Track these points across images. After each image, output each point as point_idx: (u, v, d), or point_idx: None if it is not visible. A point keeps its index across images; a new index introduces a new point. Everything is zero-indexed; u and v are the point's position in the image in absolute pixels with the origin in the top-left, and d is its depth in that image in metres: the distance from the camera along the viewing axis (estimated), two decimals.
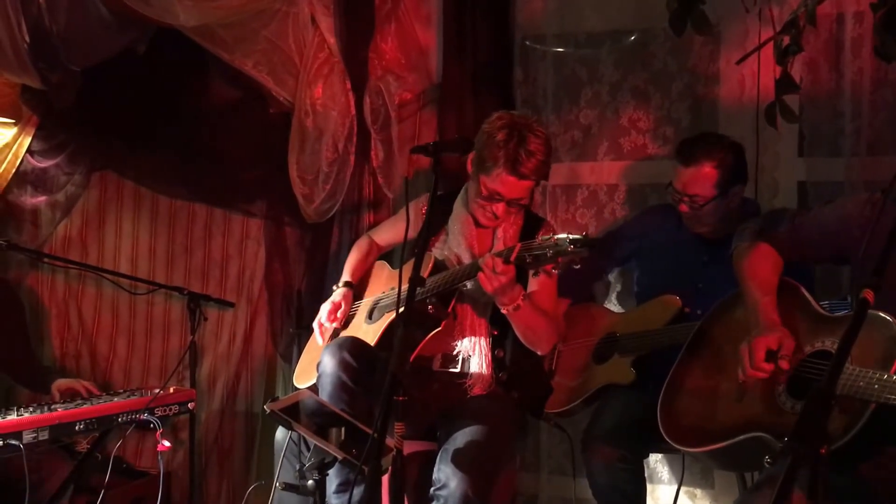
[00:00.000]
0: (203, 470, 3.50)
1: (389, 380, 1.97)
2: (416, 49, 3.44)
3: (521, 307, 2.44)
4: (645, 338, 2.77)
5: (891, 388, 1.83)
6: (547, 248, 2.25)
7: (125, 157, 3.62)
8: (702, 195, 2.75)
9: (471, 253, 2.64)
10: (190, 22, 3.10)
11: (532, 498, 3.36)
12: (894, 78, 2.92)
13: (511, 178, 2.51)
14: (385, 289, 2.85)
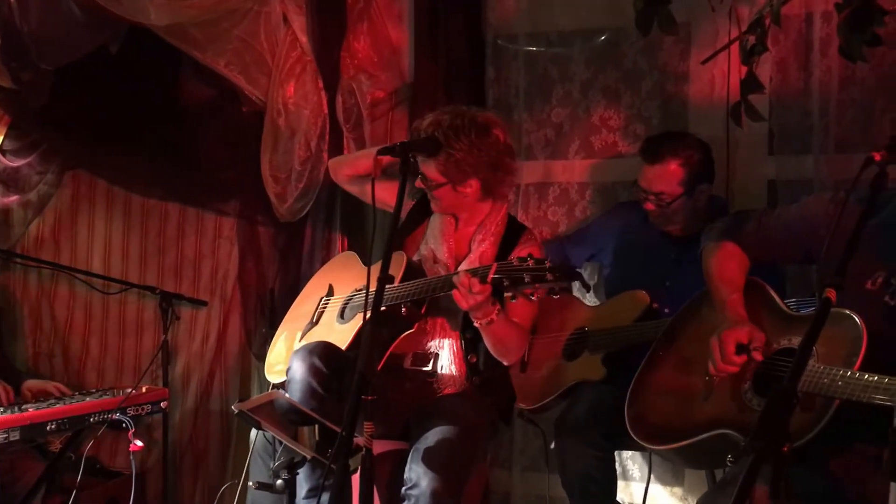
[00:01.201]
0: (177, 469, 3.46)
1: (358, 379, 1.94)
2: (388, 48, 3.41)
3: (495, 322, 2.40)
4: (615, 335, 2.76)
5: (854, 385, 1.82)
6: (524, 272, 2.19)
7: (98, 157, 3.58)
8: (668, 193, 2.74)
9: (447, 252, 2.61)
10: (161, 21, 3.07)
11: (505, 495, 3.35)
12: (861, 77, 2.92)
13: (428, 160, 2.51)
14: (357, 285, 2.80)
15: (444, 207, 2.62)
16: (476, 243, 2.62)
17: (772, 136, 3.10)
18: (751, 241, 2.30)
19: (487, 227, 2.63)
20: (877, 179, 1.68)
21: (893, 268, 1.95)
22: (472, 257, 2.59)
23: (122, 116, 3.50)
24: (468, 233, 2.65)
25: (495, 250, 2.60)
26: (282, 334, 2.91)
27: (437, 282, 2.43)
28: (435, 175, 2.52)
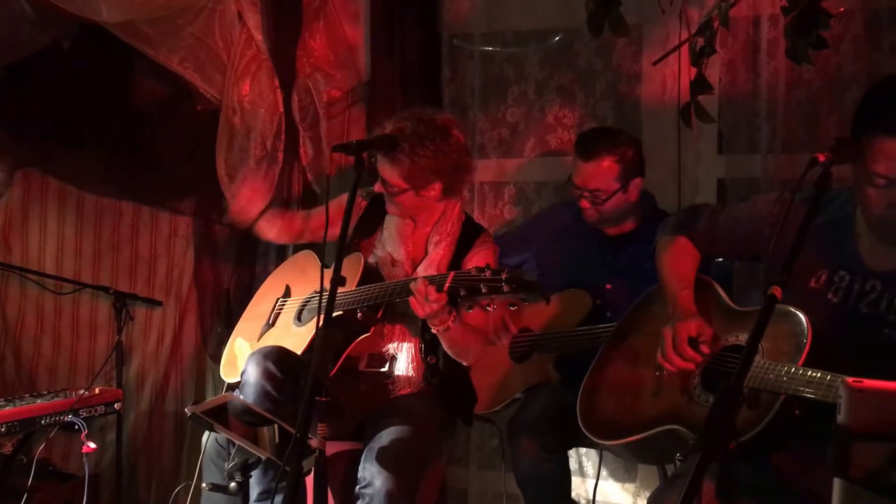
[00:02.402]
0: (132, 471, 3.38)
1: (311, 381, 1.90)
2: (344, 47, 3.37)
3: (451, 329, 2.36)
4: (565, 339, 2.74)
5: (799, 380, 1.83)
6: (481, 283, 2.15)
7: (49, 155, 3.47)
8: (604, 189, 2.73)
9: (404, 255, 2.57)
10: (113, 18, 2.99)
11: (461, 492, 3.33)
12: (808, 79, 2.96)
13: (384, 160, 2.47)
14: (316, 287, 2.71)
15: (405, 211, 2.58)
16: (433, 245, 2.58)
17: (721, 136, 3.13)
18: (702, 237, 2.31)
19: (443, 228, 2.59)
20: (821, 180, 1.69)
21: (836, 266, 1.96)
22: (430, 259, 2.56)
23: (75, 114, 3.40)
24: (424, 233, 2.61)
25: (451, 251, 2.56)
26: (237, 335, 2.84)
27: (394, 287, 2.38)
28: (398, 181, 2.47)
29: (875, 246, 1.93)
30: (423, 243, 2.61)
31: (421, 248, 2.60)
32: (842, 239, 1.98)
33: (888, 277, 1.88)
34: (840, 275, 1.95)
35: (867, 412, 1.37)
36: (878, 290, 1.89)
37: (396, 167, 2.45)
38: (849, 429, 1.37)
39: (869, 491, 1.38)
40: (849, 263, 1.95)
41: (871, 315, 1.90)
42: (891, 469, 1.35)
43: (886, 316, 1.87)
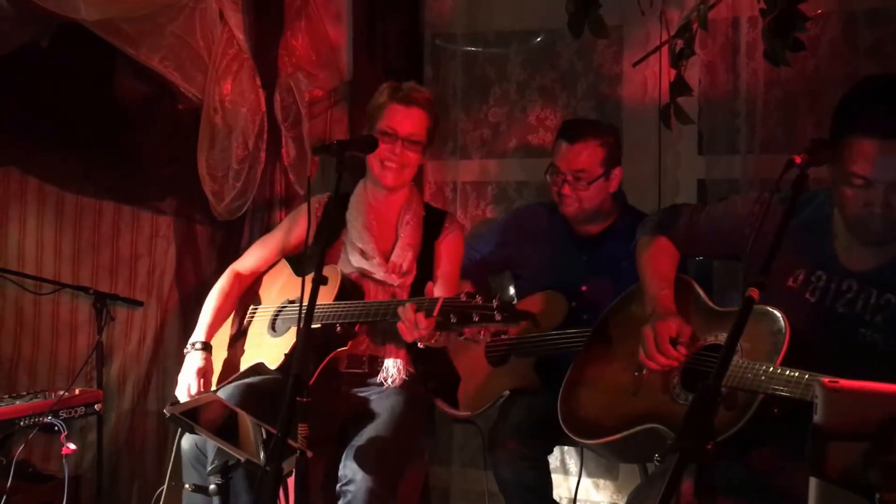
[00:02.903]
0: (113, 472, 3.35)
1: (293, 381, 1.88)
2: (326, 46, 3.35)
3: (439, 341, 2.35)
4: (541, 342, 2.74)
5: (777, 380, 1.84)
6: (473, 311, 2.12)
7: (29, 154, 3.42)
8: (588, 171, 2.73)
9: (374, 247, 2.56)
10: (92, 16, 2.94)
11: (444, 491, 3.33)
12: (786, 80, 2.97)
13: (399, 106, 2.51)
14: (287, 295, 2.67)
15: (400, 177, 2.56)
16: (403, 225, 2.59)
17: (701, 137, 3.14)
18: (682, 236, 2.31)
19: (410, 208, 2.62)
20: (798, 181, 1.70)
21: (814, 266, 1.97)
22: (402, 242, 2.56)
23: (54, 113, 3.36)
24: (391, 222, 2.61)
25: (420, 232, 2.58)
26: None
27: (379, 308, 2.34)
28: (421, 132, 2.52)
29: (851, 246, 1.94)
30: (391, 230, 2.60)
31: (390, 236, 2.60)
32: (819, 239, 1.99)
33: (864, 278, 1.90)
34: (817, 274, 1.96)
35: (843, 412, 1.37)
36: (854, 290, 1.90)
37: (425, 114, 2.52)
38: (824, 428, 1.38)
39: (844, 490, 1.38)
40: (826, 263, 1.96)
41: (847, 315, 1.91)
42: (866, 468, 1.36)
43: (862, 316, 1.88)
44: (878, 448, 1.34)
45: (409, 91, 2.55)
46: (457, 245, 2.66)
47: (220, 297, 2.67)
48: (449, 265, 2.62)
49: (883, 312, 1.86)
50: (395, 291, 2.54)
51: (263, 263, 2.75)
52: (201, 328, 2.62)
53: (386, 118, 2.53)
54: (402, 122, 2.52)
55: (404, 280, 2.55)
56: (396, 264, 2.54)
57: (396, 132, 2.52)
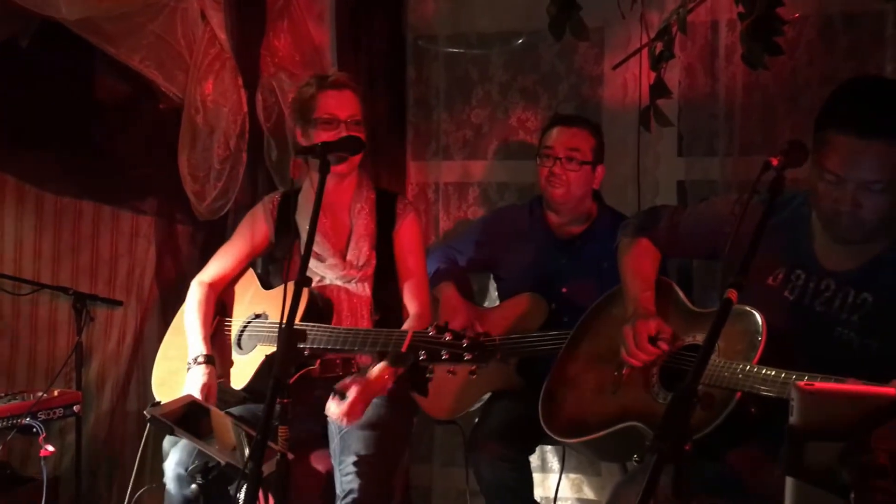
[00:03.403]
0: (92, 474, 3.31)
1: (272, 383, 1.87)
2: (309, 47, 3.33)
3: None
4: (521, 344, 2.74)
5: (754, 378, 1.86)
6: (442, 348, 2.12)
7: (7, 154, 3.37)
8: (583, 151, 2.78)
9: (329, 246, 2.52)
10: (72, 15, 2.91)
11: (425, 490, 3.33)
12: (764, 83, 2.99)
13: (332, 91, 2.50)
14: (254, 309, 2.61)
15: (355, 162, 2.53)
16: (355, 214, 2.57)
17: (681, 139, 3.16)
18: (663, 237, 2.33)
19: (361, 195, 2.60)
20: (774, 184, 1.71)
21: (793, 265, 1.99)
22: (357, 232, 2.55)
23: (34, 112, 3.31)
24: (342, 218, 2.58)
25: (374, 217, 2.56)
26: (170, 349, 2.70)
27: (352, 339, 2.31)
28: (357, 111, 2.51)
29: (829, 246, 1.96)
30: (344, 220, 2.58)
31: (343, 228, 2.57)
32: (799, 239, 2.00)
33: (841, 277, 1.91)
34: (796, 273, 1.98)
35: (818, 413, 1.39)
36: (832, 289, 1.92)
37: (355, 96, 2.52)
38: (800, 429, 1.39)
39: (820, 490, 1.39)
40: (805, 263, 1.97)
41: (824, 313, 1.92)
42: (841, 468, 1.37)
43: (839, 314, 1.90)
44: (852, 448, 1.35)
45: (336, 76, 2.58)
46: (414, 232, 2.63)
47: (200, 308, 2.59)
48: (412, 258, 2.61)
49: (859, 312, 1.87)
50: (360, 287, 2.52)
51: (231, 271, 2.68)
52: (197, 341, 2.52)
53: (321, 107, 2.50)
54: (340, 106, 2.50)
55: (364, 272, 2.53)
56: (353, 261, 2.53)
57: (337, 116, 2.49)
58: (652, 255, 2.33)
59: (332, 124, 2.50)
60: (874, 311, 1.85)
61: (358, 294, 2.54)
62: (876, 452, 1.33)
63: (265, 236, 2.65)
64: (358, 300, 2.54)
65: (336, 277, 2.54)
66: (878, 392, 1.39)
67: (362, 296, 2.53)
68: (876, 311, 1.84)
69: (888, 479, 1.33)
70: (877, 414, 1.34)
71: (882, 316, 1.84)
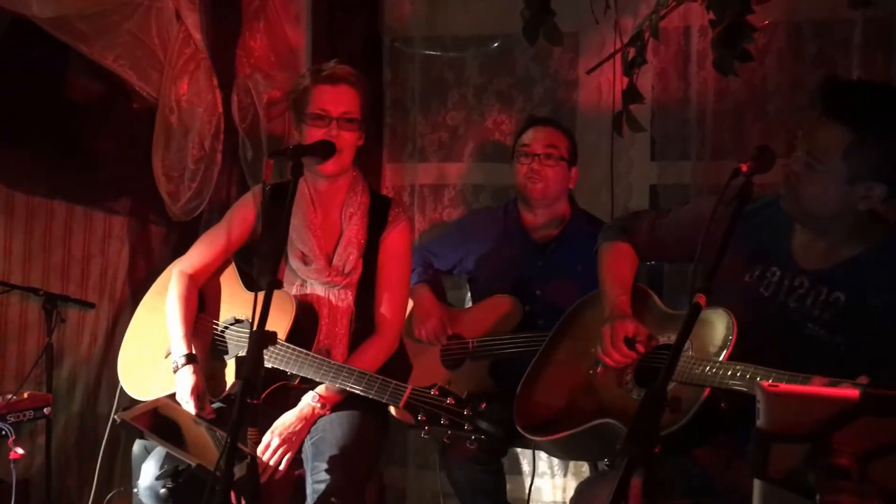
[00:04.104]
0: (63, 475, 3.26)
1: (242, 385, 1.85)
2: (285, 48, 3.31)
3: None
4: (495, 347, 2.74)
5: (724, 373, 1.88)
6: (443, 413, 2.05)
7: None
8: (560, 147, 2.81)
9: (317, 248, 2.43)
10: (45, 13, 2.87)
11: (400, 492, 3.32)
12: (735, 89, 3.02)
13: (326, 86, 2.37)
14: (233, 310, 2.47)
15: (344, 161, 2.40)
16: (346, 218, 2.46)
17: (653, 143, 3.18)
18: (644, 241, 2.34)
19: (354, 199, 2.47)
20: (743, 189, 1.73)
21: (770, 262, 2.02)
22: (346, 238, 2.44)
23: (5, 111, 3.26)
24: (334, 216, 2.48)
25: (365, 223, 2.46)
26: (141, 328, 2.58)
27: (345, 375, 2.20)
28: (355, 108, 2.38)
29: (807, 245, 1.99)
30: (335, 222, 2.48)
31: (334, 230, 2.48)
32: (778, 238, 2.03)
33: (815, 275, 1.94)
34: (772, 270, 2.01)
35: (784, 415, 1.39)
36: (805, 286, 1.95)
37: (354, 90, 2.39)
38: (766, 431, 1.39)
39: (786, 490, 1.40)
40: (781, 260, 2.00)
41: (797, 309, 1.95)
42: (806, 469, 1.37)
43: (811, 311, 1.92)
44: (817, 450, 1.36)
45: (333, 69, 2.41)
46: (404, 241, 2.50)
47: (182, 304, 2.45)
48: (395, 268, 2.48)
49: (831, 310, 1.90)
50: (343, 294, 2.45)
51: (213, 261, 2.54)
52: (178, 341, 2.39)
53: (314, 101, 2.37)
54: (333, 102, 2.37)
55: (349, 280, 2.44)
56: (338, 266, 2.44)
57: (329, 113, 2.36)
58: (631, 259, 2.34)
59: (324, 121, 2.37)
60: (845, 310, 1.87)
61: (338, 303, 2.45)
62: (840, 454, 1.34)
63: (251, 226, 2.52)
64: (338, 308, 2.45)
65: (319, 283, 2.45)
66: (842, 394, 1.40)
67: (343, 305, 2.45)
68: (847, 311, 1.87)
69: (852, 481, 1.34)
70: (841, 416, 1.34)
71: (852, 315, 1.86)
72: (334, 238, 2.47)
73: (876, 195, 1.83)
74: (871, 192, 1.83)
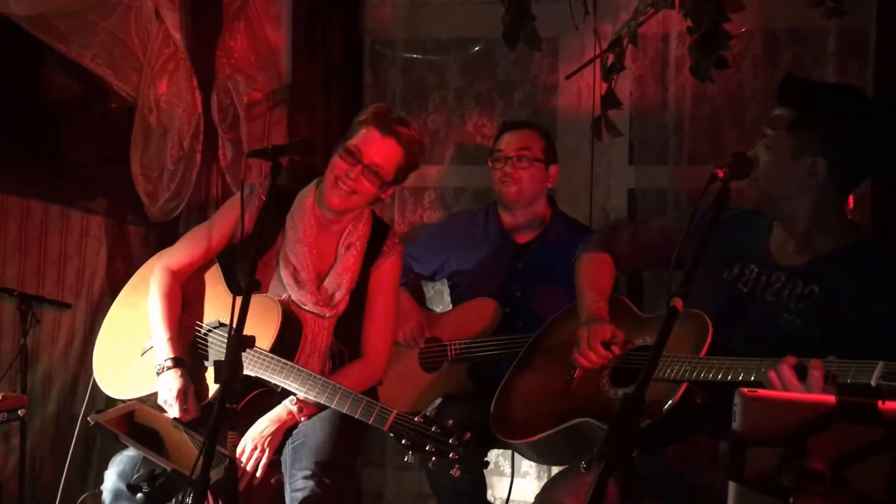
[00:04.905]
0: (37, 477, 3.21)
1: (221, 387, 1.83)
2: (265, 49, 3.29)
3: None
4: (476, 350, 2.73)
5: (701, 367, 1.91)
6: (428, 441, 2.04)
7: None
8: (532, 149, 2.81)
9: (311, 267, 2.38)
10: (22, 11, 2.84)
11: (378, 494, 3.30)
12: (712, 94, 3.04)
13: (376, 131, 2.32)
14: (216, 311, 2.42)
15: (349, 202, 2.35)
16: (344, 248, 2.42)
17: (632, 147, 3.19)
18: (625, 250, 2.36)
19: (357, 230, 2.43)
20: (720, 195, 1.74)
21: (748, 261, 2.06)
22: (340, 268, 2.40)
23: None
24: (334, 237, 2.43)
25: (362, 257, 2.43)
26: (118, 325, 2.52)
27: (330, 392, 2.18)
28: (389, 167, 2.33)
29: (783, 243, 2.03)
30: (332, 247, 2.43)
31: (329, 254, 2.43)
32: (756, 239, 2.08)
33: (792, 271, 1.99)
34: (750, 268, 2.05)
35: (760, 419, 1.40)
36: (781, 280, 2.00)
37: (399, 150, 2.34)
38: (743, 435, 1.40)
39: (761, 493, 1.41)
40: (759, 259, 2.05)
41: (774, 302, 1.99)
42: (781, 472, 1.38)
43: (787, 303, 1.97)
44: (791, 454, 1.37)
45: (391, 120, 2.36)
46: (394, 274, 2.48)
47: (166, 303, 2.38)
48: (383, 300, 2.45)
49: (806, 300, 1.95)
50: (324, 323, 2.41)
51: (199, 259, 2.47)
52: (163, 344, 2.32)
53: (358, 137, 2.34)
54: (370, 148, 2.32)
55: (334, 311, 2.40)
56: (328, 293, 2.38)
57: (361, 155, 2.32)
58: (609, 269, 2.36)
59: (353, 158, 2.32)
60: (820, 301, 1.93)
61: (320, 330, 2.41)
62: (814, 458, 1.35)
63: (231, 227, 2.45)
64: (320, 329, 2.41)
65: (307, 305, 2.39)
66: (818, 400, 1.41)
67: (324, 333, 2.41)
68: (821, 302, 1.93)
69: (826, 485, 1.35)
70: (816, 421, 1.35)
71: (826, 307, 1.92)
72: (328, 262, 2.43)
73: (820, 171, 1.92)
74: (815, 169, 1.92)
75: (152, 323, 2.39)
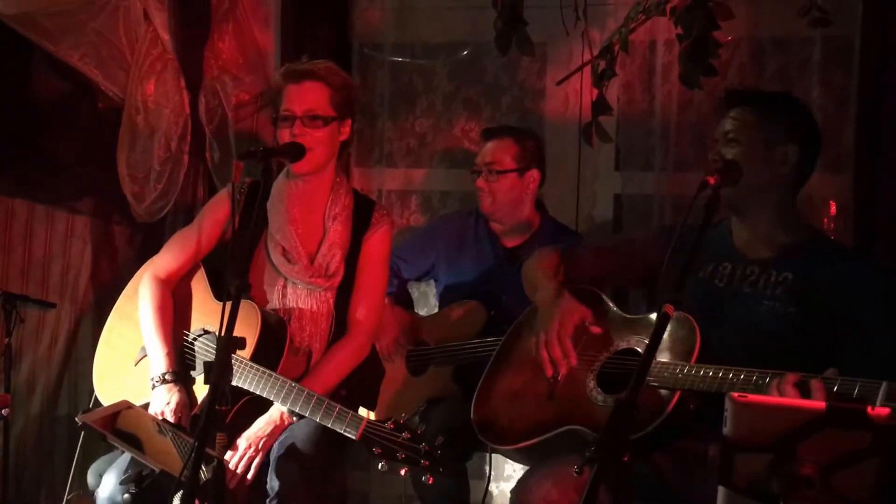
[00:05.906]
0: (20, 478, 3.17)
1: (211, 390, 1.81)
2: (254, 50, 3.26)
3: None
4: (459, 351, 2.73)
5: (693, 376, 1.91)
6: (399, 447, 2.00)
7: None
8: (498, 162, 2.81)
9: (298, 243, 2.34)
10: (9, 10, 2.82)
11: (363, 495, 3.28)
12: (699, 101, 3.05)
13: (292, 85, 2.29)
14: (202, 318, 2.38)
15: (316, 159, 2.30)
16: (331, 219, 2.38)
17: (618, 153, 3.20)
18: (587, 257, 2.34)
19: (339, 201, 2.39)
20: (711, 202, 1.75)
21: (720, 259, 2.11)
22: (330, 239, 2.36)
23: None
24: (318, 214, 2.39)
25: (350, 226, 2.39)
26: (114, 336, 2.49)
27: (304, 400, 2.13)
28: (324, 105, 2.28)
29: (747, 239, 2.09)
30: (318, 222, 2.40)
31: (317, 229, 2.40)
32: (720, 239, 2.12)
33: (763, 263, 2.05)
34: (723, 265, 2.10)
35: (750, 424, 1.41)
36: (756, 273, 2.05)
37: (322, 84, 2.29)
38: (733, 440, 1.41)
39: (751, 498, 1.41)
40: (729, 257, 2.10)
41: (752, 293, 2.03)
42: (771, 477, 1.39)
43: (765, 291, 2.02)
44: (780, 459, 1.38)
45: (300, 67, 2.32)
46: (384, 245, 2.45)
47: (158, 314, 2.35)
48: (373, 271, 2.42)
49: (782, 286, 2.01)
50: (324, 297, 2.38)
51: (187, 264, 2.43)
52: (159, 358, 2.28)
53: (284, 101, 2.31)
54: (297, 101, 2.29)
55: (331, 282, 2.37)
56: (322, 266, 2.35)
57: (293, 112, 2.29)
58: (555, 257, 2.34)
59: (288, 121, 2.29)
60: (794, 285, 2.00)
61: (320, 306, 2.37)
62: (804, 464, 1.35)
63: (223, 227, 2.42)
64: (319, 312, 2.37)
65: (303, 283, 2.36)
66: (808, 406, 1.42)
67: (323, 308, 2.37)
68: (796, 285, 1.99)
69: (815, 490, 1.35)
70: (806, 426, 1.36)
71: (801, 289, 1.99)
72: (317, 237, 2.40)
73: (791, 159, 2.01)
74: (786, 157, 2.00)
75: (145, 336, 2.35)
